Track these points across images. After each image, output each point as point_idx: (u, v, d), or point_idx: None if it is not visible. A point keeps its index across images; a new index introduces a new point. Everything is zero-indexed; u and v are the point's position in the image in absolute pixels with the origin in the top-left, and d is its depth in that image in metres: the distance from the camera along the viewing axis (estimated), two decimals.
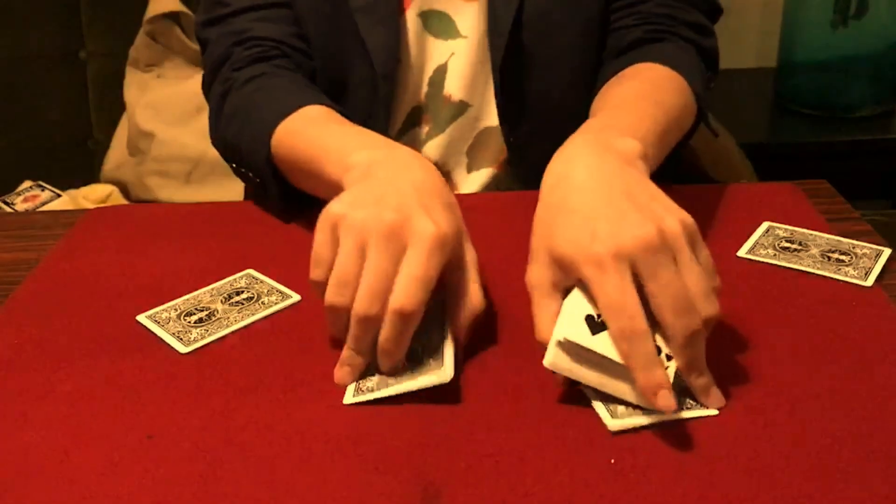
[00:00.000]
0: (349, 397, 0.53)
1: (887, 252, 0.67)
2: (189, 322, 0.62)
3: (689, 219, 0.52)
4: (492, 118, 0.89)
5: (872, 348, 0.56)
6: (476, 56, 0.87)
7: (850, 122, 1.63)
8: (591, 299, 0.51)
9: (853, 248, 0.68)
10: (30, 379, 0.57)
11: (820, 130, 1.62)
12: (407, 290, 0.52)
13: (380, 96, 0.85)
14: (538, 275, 0.55)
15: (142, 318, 0.63)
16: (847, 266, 0.65)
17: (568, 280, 0.53)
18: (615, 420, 0.50)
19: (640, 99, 0.71)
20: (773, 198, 0.78)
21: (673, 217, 0.51)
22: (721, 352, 0.56)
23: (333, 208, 0.56)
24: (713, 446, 0.48)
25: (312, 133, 0.72)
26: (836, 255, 0.67)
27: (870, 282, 0.63)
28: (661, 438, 0.49)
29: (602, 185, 0.55)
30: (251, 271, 0.69)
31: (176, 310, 0.64)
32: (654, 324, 0.50)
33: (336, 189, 0.61)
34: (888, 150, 1.60)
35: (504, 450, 0.49)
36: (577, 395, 0.53)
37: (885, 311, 0.60)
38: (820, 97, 1.64)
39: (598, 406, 0.51)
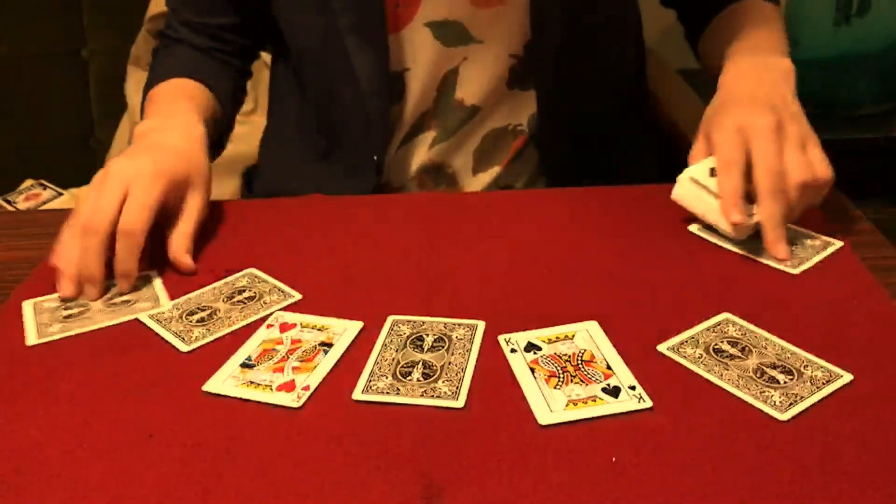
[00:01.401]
0: (358, 393, 0.53)
1: (836, 245, 0.69)
2: (191, 321, 0.62)
3: (808, 130, 0.71)
4: (499, 119, 0.89)
5: (874, 346, 0.56)
6: (493, 61, 0.86)
7: (852, 121, 1.62)
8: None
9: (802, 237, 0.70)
10: (30, 378, 0.57)
11: (822, 128, 1.61)
12: (128, 212, 0.66)
13: (373, 113, 0.85)
14: (696, 148, 0.74)
15: (143, 317, 0.63)
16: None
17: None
18: (548, 415, 0.51)
19: (767, 24, 0.88)
20: None
21: (793, 122, 0.70)
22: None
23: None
24: (715, 445, 0.48)
25: (146, 104, 0.87)
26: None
27: (798, 270, 0.65)
28: (662, 437, 0.49)
29: (756, 94, 0.74)
30: (253, 270, 0.69)
31: (178, 309, 0.64)
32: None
33: None
34: (891, 149, 1.60)
35: (505, 448, 0.49)
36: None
37: (887, 308, 0.60)
38: (822, 95, 1.64)
39: (534, 395, 0.53)
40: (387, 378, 0.55)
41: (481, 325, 0.60)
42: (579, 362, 0.56)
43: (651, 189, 0.80)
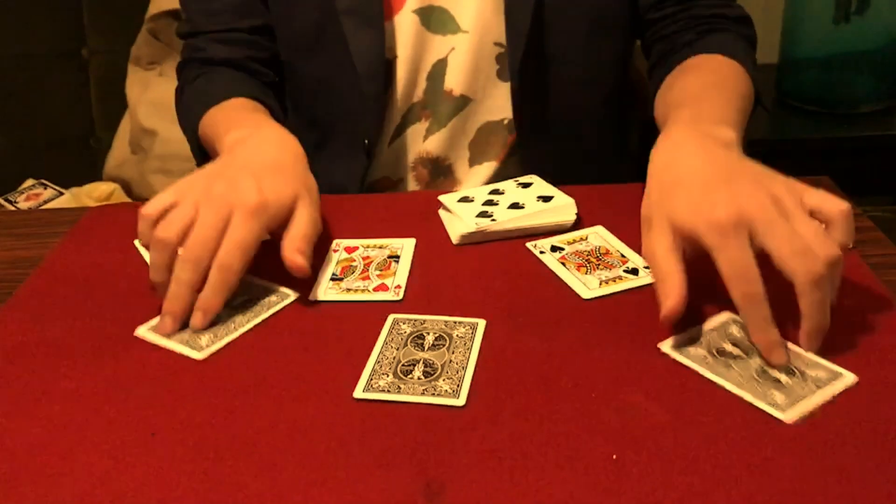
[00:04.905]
0: (359, 391, 0.54)
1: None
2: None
3: (795, 183, 0.57)
4: (494, 112, 0.89)
5: (877, 346, 0.56)
6: (478, 50, 0.86)
7: (852, 119, 1.62)
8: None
9: None
10: (32, 377, 0.57)
11: (822, 127, 1.61)
12: (227, 250, 0.60)
13: (367, 97, 0.85)
14: (660, 242, 0.57)
15: (141, 331, 0.61)
16: None
17: (686, 245, 0.57)
18: (588, 292, 0.62)
19: (715, 88, 0.76)
20: None
21: (779, 184, 0.57)
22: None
23: (180, 184, 0.66)
24: (716, 445, 0.48)
25: (217, 120, 0.82)
26: None
27: None
28: (662, 435, 0.49)
29: (712, 164, 0.60)
30: (245, 275, 0.67)
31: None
32: None
33: None
34: (890, 147, 1.60)
35: (507, 446, 0.49)
36: (578, 392, 0.53)
37: (890, 307, 0.60)
38: (822, 93, 1.64)
39: (572, 280, 0.64)
40: (388, 376, 0.55)
41: (482, 323, 0.60)
42: (598, 255, 0.68)
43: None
